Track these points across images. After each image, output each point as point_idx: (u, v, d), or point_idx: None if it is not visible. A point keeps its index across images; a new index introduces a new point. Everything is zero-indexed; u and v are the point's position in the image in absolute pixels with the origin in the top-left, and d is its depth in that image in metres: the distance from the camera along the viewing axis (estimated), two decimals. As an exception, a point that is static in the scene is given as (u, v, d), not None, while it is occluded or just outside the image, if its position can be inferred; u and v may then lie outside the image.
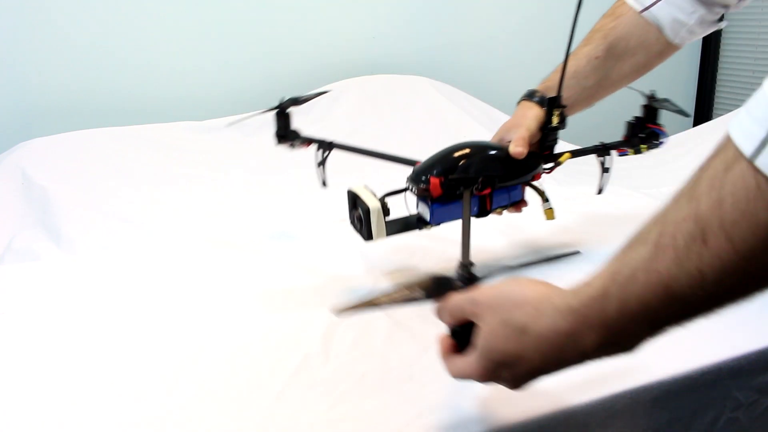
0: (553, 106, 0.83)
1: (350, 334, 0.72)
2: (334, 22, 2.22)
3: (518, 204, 0.84)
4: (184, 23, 2.03)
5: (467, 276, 0.51)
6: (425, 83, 2.12)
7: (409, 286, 0.51)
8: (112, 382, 0.63)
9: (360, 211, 0.76)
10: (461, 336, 0.49)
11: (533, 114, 0.82)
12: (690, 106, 2.93)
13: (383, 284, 0.84)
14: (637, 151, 0.90)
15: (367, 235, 0.76)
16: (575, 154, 0.87)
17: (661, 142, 0.89)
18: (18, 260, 1.15)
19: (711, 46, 2.81)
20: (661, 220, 0.39)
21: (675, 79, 2.83)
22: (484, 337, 0.46)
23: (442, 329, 0.72)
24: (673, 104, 0.89)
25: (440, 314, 0.50)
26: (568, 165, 0.94)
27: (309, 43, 2.20)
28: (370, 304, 0.50)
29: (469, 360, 0.47)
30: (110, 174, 1.55)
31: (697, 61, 2.87)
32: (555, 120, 0.83)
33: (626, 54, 0.86)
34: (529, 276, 0.51)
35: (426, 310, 0.77)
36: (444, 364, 0.50)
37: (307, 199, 1.24)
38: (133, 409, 0.59)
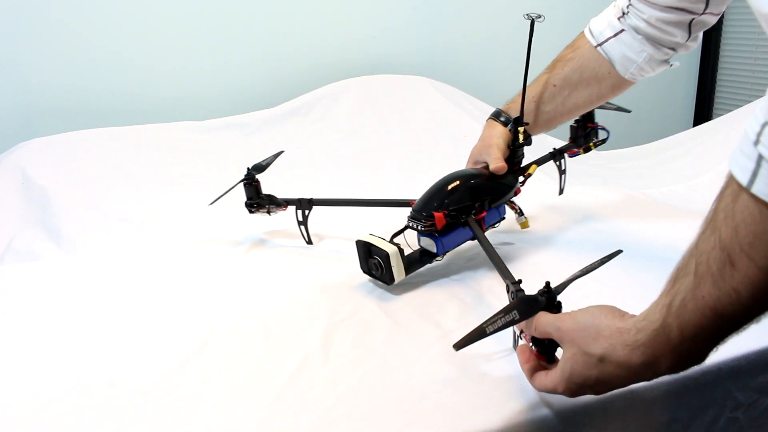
0: (516, 126, 0.92)
1: (350, 334, 0.72)
2: (334, 22, 2.22)
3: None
4: (184, 23, 2.03)
5: (546, 291, 0.58)
6: (425, 83, 2.12)
7: (505, 311, 0.57)
8: (111, 382, 0.63)
9: (378, 258, 0.81)
10: (544, 345, 0.57)
11: (498, 132, 0.90)
12: (690, 106, 2.93)
13: (383, 285, 0.84)
14: (587, 149, 1.02)
15: (390, 279, 0.81)
16: (539, 163, 0.97)
17: (605, 139, 1.02)
18: (18, 260, 1.15)
19: (711, 46, 2.81)
20: (695, 251, 0.45)
21: (675, 79, 2.83)
22: (567, 361, 0.53)
23: (441, 330, 0.72)
24: (610, 104, 1.00)
25: (528, 329, 0.58)
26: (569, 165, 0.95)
27: (309, 43, 2.20)
28: (481, 333, 0.57)
29: (554, 379, 0.54)
30: (110, 174, 1.55)
31: (697, 61, 2.87)
32: (520, 138, 0.93)
33: (580, 85, 0.89)
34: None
35: (425, 310, 0.78)
36: (527, 376, 0.58)
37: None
38: (133, 408, 0.59)
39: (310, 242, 1.00)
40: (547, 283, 0.58)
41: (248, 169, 1.01)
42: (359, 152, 1.78)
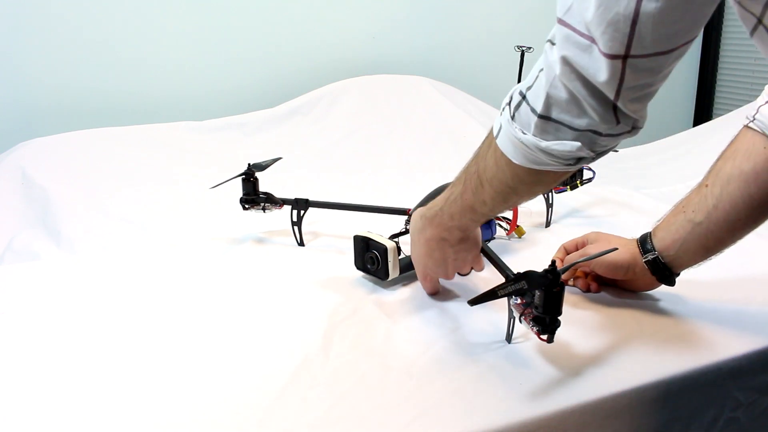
0: None
1: (350, 334, 0.72)
2: (334, 22, 2.22)
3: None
4: (184, 23, 2.03)
5: (552, 270, 0.60)
6: (425, 83, 2.12)
7: (515, 279, 0.61)
8: (111, 382, 0.63)
9: (375, 252, 0.82)
10: (545, 324, 0.61)
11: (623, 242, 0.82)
12: (690, 106, 2.93)
13: (382, 284, 0.84)
14: (573, 187, 1.07)
15: (384, 274, 0.82)
16: None
17: (590, 178, 1.07)
18: (18, 260, 1.15)
19: (711, 46, 2.81)
20: (466, 170, 0.69)
21: (675, 79, 2.83)
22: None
23: (441, 330, 0.72)
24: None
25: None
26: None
27: (309, 42, 2.20)
28: (492, 294, 0.62)
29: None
30: (110, 174, 1.55)
31: (697, 61, 2.87)
32: None
33: (733, 174, 0.71)
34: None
35: (425, 310, 0.78)
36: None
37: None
38: (132, 409, 0.59)
39: (301, 244, 1.01)
40: (553, 262, 0.60)
41: (249, 164, 1.01)
42: (359, 152, 1.78)
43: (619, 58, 0.49)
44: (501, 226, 1.01)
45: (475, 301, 0.63)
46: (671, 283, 0.76)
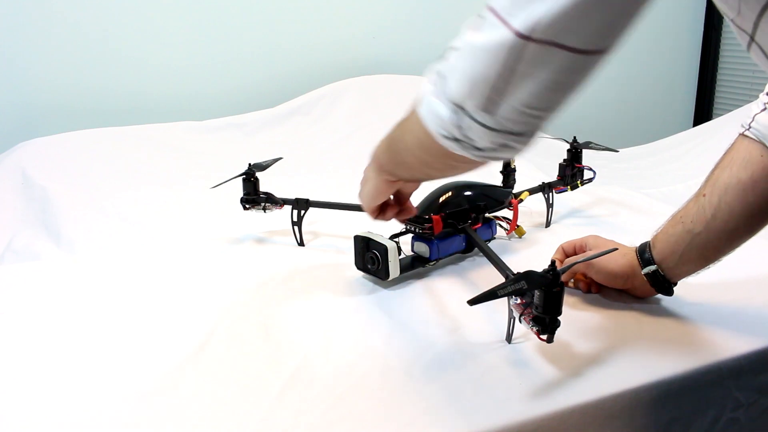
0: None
1: (350, 334, 0.72)
2: (334, 22, 2.22)
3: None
4: (184, 23, 2.03)
5: (551, 270, 0.60)
6: (425, 83, 2.12)
7: (515, 279, 0.60)
8: (111, 382, 0.64)
9: (375, 252, 0.82)
10: (545, 324, 0.61)
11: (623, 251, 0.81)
12: (690, 106, 2.92)
13: (382, 284, 0.84)
14: (574, 187, 1.08)
15: (386, 274, 0.82)
16: (531, 192, 1.05)
17: (591, 178, 1.09)
18: (18, 260, 1.15)
19: (711, 46, 2.81)
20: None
21: (675, 79, 2.83)
22: None
23: (441, 330, 0.72)
24: (596, 144, 1.06)
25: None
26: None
27: (309, 43, 2.20)
28: (492, 294, 0.61)
29: None
30: (110, 174, 1.55)
31: (697, 61, 2.87)
32: (512, 163, 1.04)
33: (731, 183, 0.71)
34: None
35: (425, 310, 0.78)
36: None
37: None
38: (132, 408, 0.59)
39: (301, 244, 1.01)
40: (553, 262, 0.60)
41: (249, 164, 1.01)
42: (359, 152, 1.77)
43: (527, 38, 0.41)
44: (501, 226, 1.01)
45: (474, 301, 0.62)
46: (669, 293, 0.76)
